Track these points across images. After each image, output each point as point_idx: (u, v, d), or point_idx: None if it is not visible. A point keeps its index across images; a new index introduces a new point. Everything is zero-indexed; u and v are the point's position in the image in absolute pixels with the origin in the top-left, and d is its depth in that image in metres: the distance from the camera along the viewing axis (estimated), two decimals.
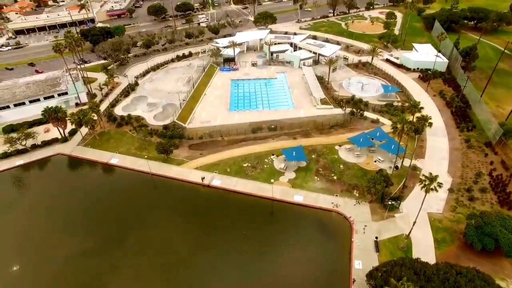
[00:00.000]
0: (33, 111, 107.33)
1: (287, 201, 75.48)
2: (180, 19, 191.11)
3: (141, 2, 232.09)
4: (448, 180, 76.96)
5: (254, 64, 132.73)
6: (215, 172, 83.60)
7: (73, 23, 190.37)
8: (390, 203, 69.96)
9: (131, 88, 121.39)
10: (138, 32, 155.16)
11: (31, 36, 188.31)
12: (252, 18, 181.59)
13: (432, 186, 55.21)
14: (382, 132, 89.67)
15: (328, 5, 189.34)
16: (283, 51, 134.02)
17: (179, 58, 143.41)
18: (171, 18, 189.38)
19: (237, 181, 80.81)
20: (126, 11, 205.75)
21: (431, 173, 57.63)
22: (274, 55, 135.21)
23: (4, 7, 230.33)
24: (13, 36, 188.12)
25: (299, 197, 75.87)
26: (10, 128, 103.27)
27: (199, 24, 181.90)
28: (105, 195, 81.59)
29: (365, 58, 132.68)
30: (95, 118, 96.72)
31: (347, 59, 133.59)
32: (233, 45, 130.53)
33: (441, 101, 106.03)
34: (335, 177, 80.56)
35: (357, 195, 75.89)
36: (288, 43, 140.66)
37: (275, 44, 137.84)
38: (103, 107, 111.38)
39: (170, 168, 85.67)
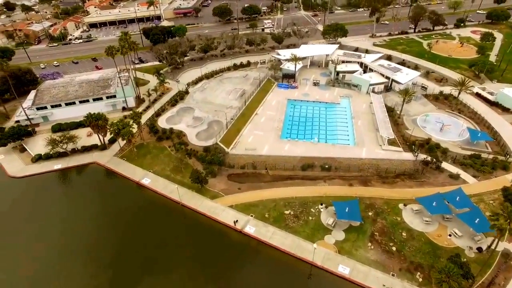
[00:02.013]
0: (82, 112, 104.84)
1: (330, 270, 61.49)
2: (244, 23, 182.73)
3: (209, 1, 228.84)
4: None
5: (316, 83, 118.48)
6: (251, 216, 72.15)
7: (141, 19, 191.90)
8: None
9: (180, 96, 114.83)
10: (198, 35, 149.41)
11: (102, 30, 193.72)
12: (321, 28, 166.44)
13: None
14: (463, 196, 70.85)
15: (409, 19, 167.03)
16: (351, 72, 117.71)
17: (235, 67, 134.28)
18: (235, 21, 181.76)
19: (274, 232, 68.52)
20: (192, 9, 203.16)
21: None
22: (340, 75, 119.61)
23: (87, 1, 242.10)
24: (87, 29, 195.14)
25: (345, 268, 61.43)
26: (58, 127, 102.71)
27: (263, 29, 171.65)
28: (128, 220, 75.09)
29: (448, 89, 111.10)
30: (135, 130, 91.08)
31: (426, 88, 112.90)
32: (295, 59, 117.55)
33: None
34: (394, 248, 64.47)
35: (420, 279, 59.34)
36: (358, 62, 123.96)
37: (343, 62, 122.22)
38: (148, 115, 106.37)
39: (202, 202, 76.14)
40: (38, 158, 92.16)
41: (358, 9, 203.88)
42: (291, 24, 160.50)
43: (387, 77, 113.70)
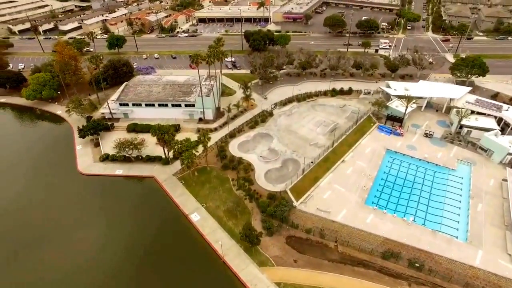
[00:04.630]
0: (159, 114, 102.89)
1: None
2: (357, 38, 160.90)
3: (324, 8, 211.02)
4: None
5: (428, 135, 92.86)
6: None
7: (248, 19, 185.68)
8: None
9: (262, 118, 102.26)
10: (300, 49, 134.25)
11: (209, 25, 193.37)
12: (451, 59, 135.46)
13: None
14: None
15: None
16: (483, 130, 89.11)
17: (334, 93, 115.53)
18: (347, 35, 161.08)
19: None
20: (303, 16, 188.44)
21: None
22: (465, 129, 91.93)
23: None
24: (196, 24, 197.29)
25: None
26: (133, 128, 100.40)
27: (376, 50, 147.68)
28: (161, 254, 66.89)
29: None
30: (199, 153, 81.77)
31: None
32: (408, 99, 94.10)
33: None
34: None
35: None
36: (494, 116, 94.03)
37: (472, 113, 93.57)
38: (221, 133, 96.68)
39: (246, 266, 62.49)
40: (105, 158, 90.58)
41: (510, 37, 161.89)
42: (412, 49, 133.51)
43: None
